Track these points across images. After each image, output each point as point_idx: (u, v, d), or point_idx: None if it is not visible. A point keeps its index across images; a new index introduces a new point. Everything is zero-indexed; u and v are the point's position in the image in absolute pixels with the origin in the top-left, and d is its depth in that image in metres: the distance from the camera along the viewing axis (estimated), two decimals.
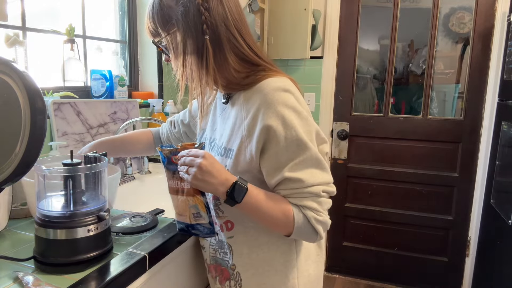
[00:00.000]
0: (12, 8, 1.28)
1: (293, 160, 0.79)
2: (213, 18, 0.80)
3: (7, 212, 0.95)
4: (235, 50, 0.83)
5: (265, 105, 0.79)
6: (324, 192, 0.82)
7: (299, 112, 0.80)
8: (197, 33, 0.79)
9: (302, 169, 0.80)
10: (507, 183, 1.78)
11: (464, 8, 2.22)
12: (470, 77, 2.21)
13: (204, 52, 0.80)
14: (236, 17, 0.83)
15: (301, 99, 0.84)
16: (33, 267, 0.77)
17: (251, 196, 0.78)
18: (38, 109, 0.69)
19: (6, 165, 0.69)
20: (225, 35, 0.81)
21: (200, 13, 0.79)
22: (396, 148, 2.39)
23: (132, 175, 1.56)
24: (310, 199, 0.81)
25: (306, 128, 0.81)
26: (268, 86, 0.81)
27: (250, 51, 0.84)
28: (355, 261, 2.58)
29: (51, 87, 1.45)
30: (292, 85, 0.84)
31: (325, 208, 0.83)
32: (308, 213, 0.81)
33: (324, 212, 0.83)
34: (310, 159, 0.80)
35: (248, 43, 0.85)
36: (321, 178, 0.81)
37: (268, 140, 0.79)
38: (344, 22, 2.38)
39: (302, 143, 0.79)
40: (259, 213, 0.80)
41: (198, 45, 0.80)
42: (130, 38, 1.89)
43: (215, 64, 0.82)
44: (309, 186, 0.80)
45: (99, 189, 0.84)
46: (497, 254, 1.85)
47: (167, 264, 0.95)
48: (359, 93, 2.50)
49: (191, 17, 0.79)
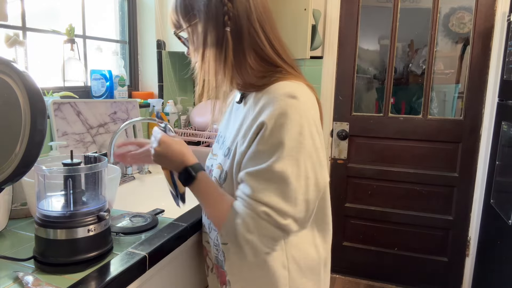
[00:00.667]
0: (12, 8, 1.28)
1: (259, 165, 0.73)
2: (235, 10, 0.77)
3: (7, 212, 0.95)
4: (254, 47, 0.80)
5: (267, 107, 0.76)
6: (265, 215, 0.72)
7: (295, 123, 0.73)
8: (218, 24, 0.77)
9: (260, 178, 0.73)
10: (507, 183, 1.78)
11: (464, 8, 2.22)
12: (470, 77, 2.21)
13: (223, 44, 0.78)
14: (261, 12, 0.80)
15: (311, 109, 0.77)
16: (33, 267, 0.77)
17: (197, 184, 0.81)
18: (38, 109, 0.69)
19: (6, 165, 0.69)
20: (247, 29, 0.78)
21: (223, 3, 0.76)
22: (396, 148, 2.39)
23: (132, 175, 1.56)
24: (249, 212, 0.73)
25: (294, 143, 0.73)
26: (277, 90, 0.77)
27: (271, 50, 0.81)
28: (355, 261, 2.58)
29: (51, 87, 1.45)
30: (303, 92, 0.78)
31: (260, 232, 0.73)
32: (239, 223, 0.74)
33: (257, 235, 0.73)
34: (275, 174, 0.72)
35: (272, 41, 0.81)
36: (273, 201, 0.72)
37: (257, 138, 0.75)
38: (344, 22, 2.38)
39: (277, 155, 0.72)
40: (201, 201, 0.83)
41: (218, 37, 0.78)
42: (130, 38, 1.89)
43: (234, 58, 0.79)
44: (253, 198, 0.73)
45: (99, 189, 0.84)
46: (497, 254, 1.85)
47: (167, 264, 0.95)
48: (359, 93, 2.50)
49: (212, 7, 0.77)
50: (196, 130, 1.97)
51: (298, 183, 0.73)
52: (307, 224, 0.80)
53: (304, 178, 0.73)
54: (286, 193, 0.72)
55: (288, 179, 0.72)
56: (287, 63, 0.83)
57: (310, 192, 0.75)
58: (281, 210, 0.72)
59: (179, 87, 2.11)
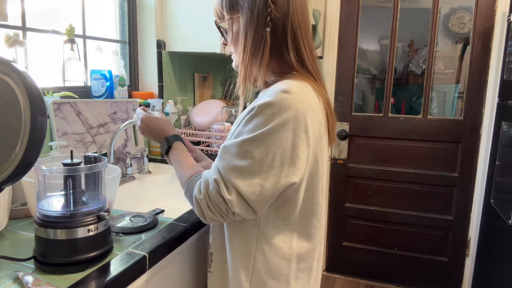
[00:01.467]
0: (12, 8, 1.28)
1: (235, 139, 0.77)
2: (277, 12, 0.82)
3: (7, 212, 0.95)
4: (279, 48, 0.84)
5: (262, 97, 0.79)
6: (215, 184, 0.75)
7: (280, 115, 0.74)
8: (259, 23, 0.82)
9: (228, 152, 0.77)
10: (507, 183, 1.78)
11: (464, 8, 2.22)
12: (470, 77, 2.21)
13: (262, 43, 0.82)
14: (297, 17, 0.84)
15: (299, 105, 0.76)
16: (33, 267, 0.77)
17: (172, 152, 0.94)
18: (38, 109, 0.69)
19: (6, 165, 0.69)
20: (280, 32, 0.83)
21: (267, 5, 0.81)
22: (396, 148, 2.39)
23: (132, 175, 1.56)
24: (209, 176, 0.78)
25: (272, 132, 0.74)
26: (276, 86, 0.80)
27: (293, 52, 0.84)
28: (355, 261, 2.58)
29: (51, 87, 1.45)
30: (302, 91, 0.78)
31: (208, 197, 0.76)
32: (198, 183, 0.80)
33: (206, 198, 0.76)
34: (240, 153, 0.75)
35: (298, 42, 0.84)
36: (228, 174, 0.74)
37: (245, 119, 0.79)
38: (344, 22, 2.38)
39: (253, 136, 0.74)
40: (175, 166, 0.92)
41: (257, 35, 0.82)
42: (130, 38, 1.89)
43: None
44: (216, 166, 0.78)
45: (99, 189, 0.84)
46: (497, 254, 1.85)
47: (167, 264, 0.95)
48: (359, 93, 2.50)
49: (256, 6, 0.82)
50: (196, 130, 1.97)
51: (259, 167, 0.74)
52: (258, 213, 0.77)
53: (268, 167, 0.74)
54: (244, 170, 0.74)
55: (251, 159, 0.74)
56: (306, 68, 0.86)
57: (268, 181, 0.75)
58: (232, 183, 0.74)
59: (179, 87, 2.11)
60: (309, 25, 0.88)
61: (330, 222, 2.59)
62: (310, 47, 0.87)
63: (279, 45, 0.83)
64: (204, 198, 0.77)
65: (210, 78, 2.44)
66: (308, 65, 0.86)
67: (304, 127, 0.76)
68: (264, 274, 0.84)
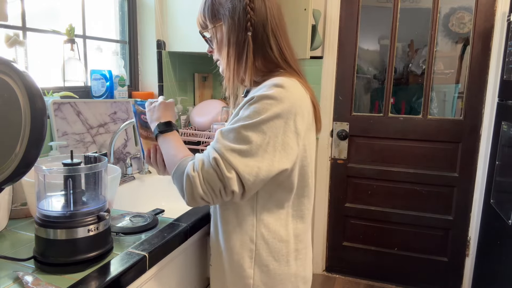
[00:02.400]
0: (12, 8, 1.28)
1: (232, 126, 0.81)
2: (256, 17, 0.88)
3: (7, 212, 0.95)
4: (263, 50, 0.90)
5: (257, 92, 0.84)
6: (215, 162, 0.78)
7: (276, 106, 0.81)
8: (240, 29, 0.88)
9: (226, 136, 0.81)
10: (507, 183, 1.78)
11: (464, 8, 2.22)
12: (470, 77, 2.21)
13: (245, 47, 0.88)
14: (275, 20, 0.91)
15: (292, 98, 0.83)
16: (33, 267, 0.77)
17: (171, 135, 0.94)
18: (38, 109, 0.69)
19: (6, 165, 0.69)
20: (261, 35, 0.89)
21: (246, 12, 0.87)
22: (396, 148, 2.39)
23: (132, 175, 1.56)
24: (203, 156, 0.81)
25: (268, 120, 0.80)
26: (268, 82, 0.85)
27: (278, 54, 0.90)
28: (355, 261, 2.58)
29: (51, 87, 1.45)
30: (292, 85, 0.85)
31: (203, 175, 0.79)
32: (191, 163, 0.81)
33: (200, 176, 0.79)
34: (239, 137, 0.80)
35: (281, 47, 0.91)
36: (227, 153, 0.78)
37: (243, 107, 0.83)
38: (344, 22, 2.38)
39: (250, 123, 0.80)
40: (166, 147, 0.93)
41: (240, 40, 0.88)
42: (130, 38, 1.89)
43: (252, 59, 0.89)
44: (212, 147, 0.81)
45: (99, 189, 0.84)
46: (497, 254, 1.85)
47: (167, 264, 0.95)
48: (359, 93, 2.50)
49: (237, 13, 0.88)
50: (196, 130, 1.97)
51: (256, 151, 0.79)
52: (250, 194, 0.82)
53: (263, 151, 0.80)
54: (242, 152, 0.79)
55: (249, 143, 0.79)
56: (290, 66, 0.92)
57: (264, 163, 0.80)
58: (231, 163, 0.78)
59: (179, 87, 2.11)
60: (286, 27, 0.95)
61: (330, 222, 2.59)
62: (290, 47, 0.94)
63: (262, 46, 0.90)
64: (197, 175, 0.79)
65: (210, 78, 2.44)
66: (290, 62, 0.93)
67: (295, 117, 0.83)
68: (266, 257, 0.90)
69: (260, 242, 0.89)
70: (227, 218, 0.91)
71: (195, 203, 0.82)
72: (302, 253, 0.95)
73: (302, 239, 0.94)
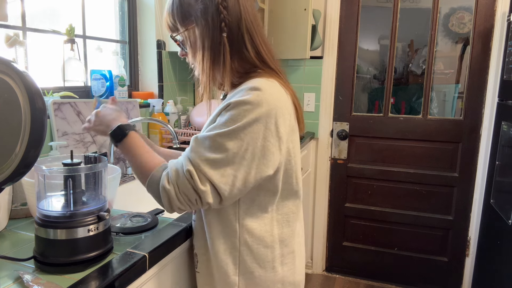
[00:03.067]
0: (12, 8, 1.28)
1: (207, 133, 0.78)
2: (230, 17, 0.83)
3: (7, 212, 0.95)
4: (240, 51, 0.85)
5: (234, 96, 0.81)
6: (188, 174, 0.76)
7: (254, 111, 0.77)
8: (215, 30, 0.83)
9: (200, 143, 0.78)
10: (507, 183, 1.78)
11: (464, 8, 2.22)
12: (470, 77, 2.21)
13: (221, 49, 0.83)
14: (250, 17, 0.86)
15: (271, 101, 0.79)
16: (33, 267, 0.77)
17: (128, 142, 0.87)
18: (38, 109, 0.69)
19: (6, 165, 0.69)
20: (236, 35, 0.84)
21: (219, 11, 0.82)
22: (396, 148, 2.39)
23: (132, 175, 1.56)
24: (177, 166, 0.79)
25: (245, 126, 0.76)
26: (246, 85, 0.81)
27: (253, 52, 0.86)
28: (355, 261, 2.58)
29: (51, 87, 1.45)
30: (271, 87, 0.81)
31: (178, 187, 0.77)
32: (165, 174, 0.79)
33: (175, 187, 0.77)
34: (214, 145, 0.77)
35: (257, 46, 0.87)
36: (201, 165, 0.76)
37: (220, 114, 0.80)
38: (344, 22, 2.38)
39: (227, 131, 0.76)
40: (130, 155, 0.86)
41: (215, 42, 0.83)
42: (130, 38, 1.89)
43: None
44: (186, 156, 0.79)
45: (99, 189, 0.84)
46: (497, 254, 1.85)
47: (167, 264, 0.95)
48: (359, 93, 2.50)
49: (209, 14, 0.82)
50: (196, 130, 1.97)
51: (232, 159, 0.76)
52: (229, 202, 0.81)
53: (240, 158, 0.77)
54: (218, 161, 0.76)
55: (225, 151, 0.76)
56: (266, 64, 0.88)
57: (241, 171, 0.77)
58: (206, 174, 0.76)
59: (179, 87, 2.11)
60: (261, 25, 0.90)
61: (330, 222, 2.59)
62: (266, 45, 0.89)
63: (238, 47, 0.85)
64: (173, 188, 0.77)
65: None
66: (268, 62, 0.88)
67: (275, 121, 0.79)
68: (251, 264, 0.87)
69: (244, 249, 0.87)
70: (210, 223, 0.88)
71: (173, 212, 0.82)
72: (288, 257, 0.91)
73: (288, 243, 0.91)
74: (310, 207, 2.59)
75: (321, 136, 2.50)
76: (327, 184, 2.55)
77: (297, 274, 0.95)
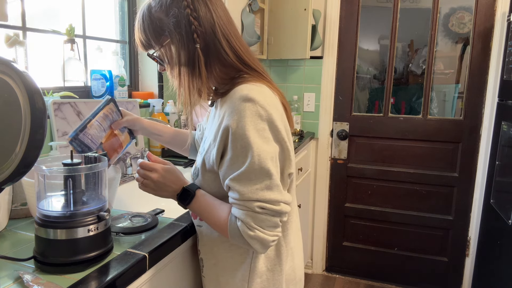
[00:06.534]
0: (12, 8, 1.28)
1: (238, 170, 0.78)
2: (202, 27, 0.82)
3: (7, 212, 0.95)
4: (219, 57, 0.84)
5: (227, 111, 0.80)
6: (261, 209, 0.77)
7: (255, 124, 0.78)
8: (189, 42, 0.81)
9: (243, 180, 0.78)
10: (507, 183, 1.78)
11: (464, 8, 2.22)
12: (470, 77, 2.21)
13: (196, 61, 0.82)
14: (224, 23, 0.85)
15: (267, 107, 0.80)
16: (33, 267, 0.77)
17: (196, 201, 0.87)
18: (38, 109, 0.69)
19: (6, 165, 0.69)
20: (212, 42, 0.83)
21: (190, 22, 0.81)
22: (396, 148, 2.39)
23: (132, 175, 1.56)
24: (245, 212, 0.78)
25: (261, 140, 0.78)
26: (235, 94, 0.81)
27: (234, 57, 0.85)
28: (355, 261, 2.58)
29: (51, 87, 1.45)
30: (260, 93, 0.81)
31: (261, 225, 0.78)
32: (240, 225, 0.79)
33: (259, 229, 0.78)
34: (254, 173, 0.77)
35: (235, 49, 0.85)
36: (263, 196, 0.77)
37: (227, 145, 0.79)
38: (344, 22, 2.38)
39: (251, 155, 0.77)
40: (202, 216, 0.88)
41: (190, 54, 0.82)
42: (130, 38, 1.89)
43: (207, 72, 0.84)
44: (244, 200, 0.78)
45: (99, 189, 0.84)
46: (497, 254, 1.85)
47: (167, 264, 0.95)
48: (359, 93, 2.50)
49: (183, 27, 0.81)
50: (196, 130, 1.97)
51: (275, 170, 0.79)
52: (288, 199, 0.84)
53: (276, 166, 0.80)
54: (269, 184, 0.78)
55: (269, 171, 0.78)
56: (250, 67, 0.87)
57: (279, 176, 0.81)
58: (272, 199, 0.78)
59: None
60: (235, 27, 0.89)
61: (330, 222, 2.59)
62: (244, 47, 0.88)
63: (217, 53, 0.84)
64: (258, 231, 0.78)
65: None
66: (250, 64, 0.87)
67: (278, 125, 0.81)
68: (261, 269, 0.89)
69: (256, 255, 0.88)
70: None
71: (272, 244, 0.82)
72: (288, 254, 0.94)
73: (289, 241, 0.93)
74: (310, 207, 2.59)
75: (321, 136, 2.50)
76: (327, 184, 2.55)
77: (297, 270, 0.97)
